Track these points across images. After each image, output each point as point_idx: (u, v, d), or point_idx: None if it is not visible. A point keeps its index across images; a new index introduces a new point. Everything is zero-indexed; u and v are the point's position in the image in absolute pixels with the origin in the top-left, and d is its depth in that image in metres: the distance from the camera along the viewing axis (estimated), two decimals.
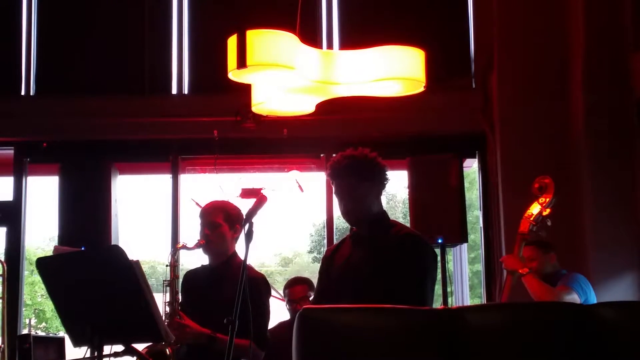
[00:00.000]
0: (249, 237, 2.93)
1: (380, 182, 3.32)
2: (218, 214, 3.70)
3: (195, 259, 3.97)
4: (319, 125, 5.97)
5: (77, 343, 3.09)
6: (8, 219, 6.29)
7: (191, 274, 3.84)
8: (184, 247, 3.66)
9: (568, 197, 5.42)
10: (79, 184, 5.86)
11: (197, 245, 3.67)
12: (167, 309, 3.56)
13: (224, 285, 3.56)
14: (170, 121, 6.25)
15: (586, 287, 4.57)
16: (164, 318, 3.47)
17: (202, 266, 3.81)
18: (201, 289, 3.71)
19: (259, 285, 3.61)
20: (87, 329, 2.95)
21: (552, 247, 4.71)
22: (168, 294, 3.59)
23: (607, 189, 5.66)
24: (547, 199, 3.87)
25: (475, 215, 8.25)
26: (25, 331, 6.98)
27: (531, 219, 3.85)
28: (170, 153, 6.39)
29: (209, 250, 3.70)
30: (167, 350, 3.42)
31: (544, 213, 3.85)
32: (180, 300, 3.64)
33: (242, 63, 3.58)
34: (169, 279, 3.63)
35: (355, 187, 3.26)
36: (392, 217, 3.43)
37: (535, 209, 3.87)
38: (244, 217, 3.02)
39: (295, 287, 5.06)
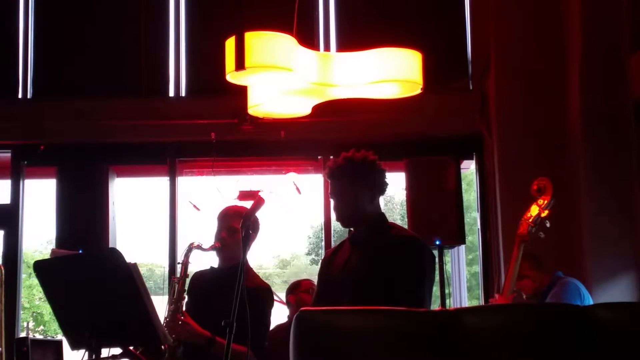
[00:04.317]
0: (246, 239, 2.94)
1: (375, 186, 3.31)
2: (237, 219, 3.67)
3: (202, 260, 3.96)
4: (317, 128, 5.97)
5: (74, 346, 3.08)
6: (5, 222, 6.28)
7: (198, 275, 3.85)
8: (199, 247, 3.66)
9: (565, 199, 5.42)
10: (76, 187, 5.86)
11: (212, 248, 3.68)
12: (172, 306, 3.56)
13: (230, 289, 3.55)
14: (167, 124, 6.25)
15: (578, 296, 4.57)
16: (166, 315, 3.48)
17: (211, 268, 3.81)
18: (207, 291, 3.71)
19: (263, 295, 3.61)
20: (84, 332, 2.95)
21: (542, 269, 4.79)
22: (175, 292, 3.58)
23: (605, 191, 5.67)
24: (546, 201, 3.88)
25: (472, 216, 8.27)
26: (23, 334, 6.98)
27: (530, 220, 3.86)
28: (167, 156, 6.39)
29: (222, 253, 3.71)
30: (163, 346, 3.41)
31: (543, 214, 3.86)
32: (186, 300, 3.64)
33: (240, 65, 3.58)
34: (179, 276, 3.63)
35: (348, 189, 3.27)
36: (390, 219, 3.43)
37: (533, 210, 3.88)
38: (242, 219, 3.02)
39: (303, 282, 5.09)
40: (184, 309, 3.58)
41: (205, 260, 3.84)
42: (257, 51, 3.59)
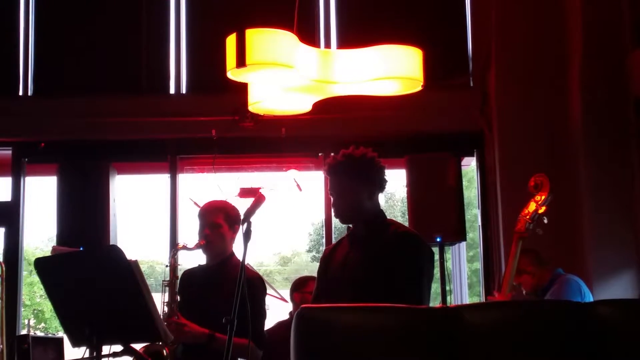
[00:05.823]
0: (247, 236, 2.93)
1: (374, 183, 3.31)
2: (218, 214, 3.70)
3: (192, 258, 3.97)
4: (317, 125, 5.98)
5: (75, 343, 3.09)
6: (6, 220, 6.29)
7: (188, 274, 3.85)
8: (185, 247, 3.67)
9: (566, 195, 5.43)
10: (77, 184, 5.85)
11: (197, 246, 3.68)
12: (166, 309, 3.57)
13: (221, 284, 3.57)
14: (168, 121, 6.25)
15: (579, 293, 4.57)
16: (162, 318, 3.47)
17: (200, 266, 3.82)
18: (198, 289, 3.72)
19: (256, 285, 3.63)
20: (85, 329, 2.95)
21: (542, 264, 4.78)
22: (167, 294, 3.60)
23: (605, 187, 5.67)
24: (543, 197, 3.88)
25: (473, 213, 8.26)
26: (24, 331, 6.98)
27: (527, 217, 3.86)
28: (168, 153, 6.39)
29: (208, 250, 3.72)
30: (164, 350, 3.41)
31: (540, 211, 3.87)
32: (178, 300, 3.64)
33: (241, 62, 3.58)
34: (168, 279, 3.64)
35: (347, 185, 3.26)
36: (390, 216, 3.43)
37: (531, 207, 3.89)
38: (243, 216, 3.02)
39: (311, 282, 5.05)
40: (177, 310, 3.58)
41: (196, 259, 3.86)
42: (258, 48, 3.58)
